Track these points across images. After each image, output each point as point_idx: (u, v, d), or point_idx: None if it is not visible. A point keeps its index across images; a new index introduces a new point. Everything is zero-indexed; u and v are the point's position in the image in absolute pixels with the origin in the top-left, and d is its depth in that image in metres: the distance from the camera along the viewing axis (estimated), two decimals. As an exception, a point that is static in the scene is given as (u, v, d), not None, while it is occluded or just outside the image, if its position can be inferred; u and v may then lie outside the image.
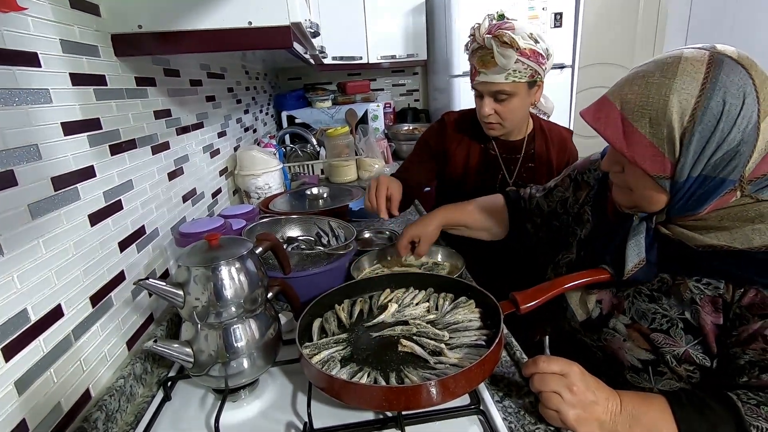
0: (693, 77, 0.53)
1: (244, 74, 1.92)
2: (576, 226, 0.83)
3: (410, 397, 0.57)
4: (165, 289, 0.61)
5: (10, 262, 0.51)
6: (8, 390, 0.50)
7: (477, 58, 1.07)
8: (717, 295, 0.59)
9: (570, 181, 0.88)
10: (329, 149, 2.04)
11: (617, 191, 0.68)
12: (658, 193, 0.60)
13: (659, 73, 0.56)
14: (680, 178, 0.57)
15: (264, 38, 0.78)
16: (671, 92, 0.54)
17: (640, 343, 0.65)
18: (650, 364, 0.65)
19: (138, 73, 0.87)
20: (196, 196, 1.15)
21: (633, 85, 0.58)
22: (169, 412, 0.67)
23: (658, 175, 0.58)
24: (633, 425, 0.55)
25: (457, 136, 1.25)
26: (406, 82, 3.20)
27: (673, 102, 0.54)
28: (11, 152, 0.53)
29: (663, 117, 0.55)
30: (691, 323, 0.61)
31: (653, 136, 0.56)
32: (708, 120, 0.53)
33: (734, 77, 0.53)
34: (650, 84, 0.56)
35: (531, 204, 0.96)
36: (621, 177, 0.64)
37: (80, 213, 0.65)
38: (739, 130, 0.53)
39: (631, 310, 0.67)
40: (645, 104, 0.56)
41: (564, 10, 2.32)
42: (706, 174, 0.56)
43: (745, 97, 0.52)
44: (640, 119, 0.56)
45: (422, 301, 0.81)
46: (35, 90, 0.58)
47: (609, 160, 0.66)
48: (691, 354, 0.61)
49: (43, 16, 0.61)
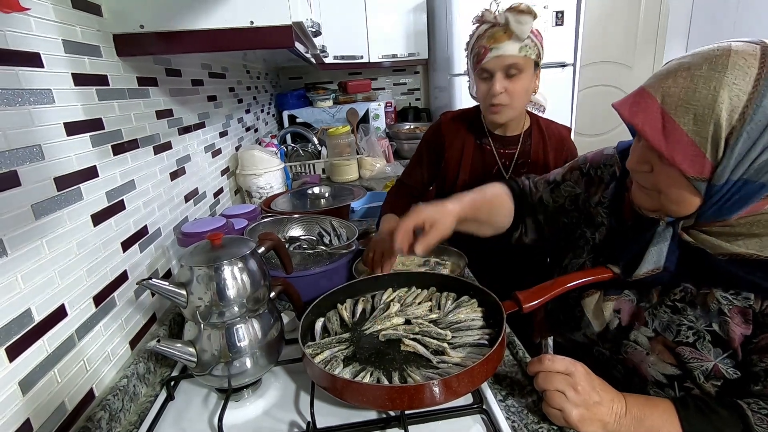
0: (745, 72, 0.49)
1: (246, 74, 1.92)
2: (587, 228, 0.77)
3: (413, 397, 0.57)
4: (168, 289, 0.61)
5: (14, 262, 0.52)
6: (12, 390, 0.50)
7: (486, 38, 1.06)
8: (747, 306, 0.56)
9: (581, 175, 0.80)
10: (330, 148, 2.04)
11: (641, 193, 0.62)
12: (692, 195, 0.55)
13: (707, 65, 0.51)
14: (718, 182, 0.52)
15: (266, 38, 0.78)
16: (721, 87, 0.49)
17: (665, 357, 0.61)
18: (676, 380, 0.61)
19: (140, 73, 0.87)
20: (198, 195, 1.15)
21: (677, 77, 0.52)
22: (172, 411, 0.67)
23: (696, 176, 0.52)
24: (637, 427, 0.55)
25: (452, 132, 1.26)
26: (407, 81, 3.19)
27: (723, 98, 0.49)
28: (14, 152, 0.53)
29: (710, 114, 0.50)
30: (720, 335, 0.57)
31: (696, 134, 0.51)
32: (759, 119, 0.48)
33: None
34: (697, 77, 0.51)
35: (532, 197, 0.88)
36: (649, 177, 0.58)
37: (83, 213, 0.66)
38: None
39: (654, 321, 0.63)
40: (691, 98, 0.51)
41: (565, 9, 2.32)
42: (747, 178, 0.51)
43: None
44: (684, 115, 0.51)
45: (425, 301, 0.81)
46: (38, 90, 0.58)
47: (637, 158, 0.59)
48: (721, 369, 0.57)
49: (45, 16, 0.61)
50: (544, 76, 1.17)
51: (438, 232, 0.75)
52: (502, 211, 0.87)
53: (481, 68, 1.09)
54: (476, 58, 1.09)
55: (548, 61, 1.12)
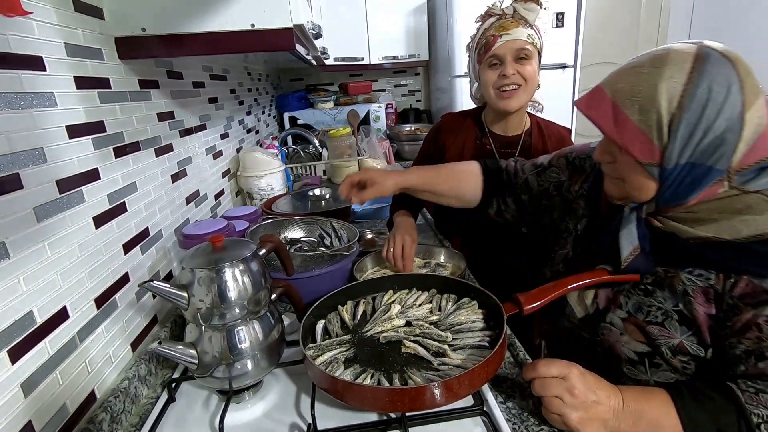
0: (681, 67, 0.56)
1: (247, 76, 1.93)
2: (570, 220, 0.83)
3: (414, 399, 0.57)
4: (169, 291, 0.61)
5: (16, 264, 0.52)
6: (15, 392, 0.50)
7: (495, 27, 1.09)
8: (708, 285, 0.60)
9: (567, 164, 0.86)
10: (331, 150, 2.04)
11: (609, 182, 0.69)
12: (648, 180, 0.61)
13: (649, 63, 0.58)
14: (668, 165, 0.58)
15: (267, 40, 0.79)
16: (660, 80, 0.56)
17: (636, 336, 0.66)
18: (646, 357, 0.65)
19: (141, 76, 0.88)
20: (199, 197, 1.16)
21: (624, 75, 0.61)
22: (173, 413, 0.67)
23: (648, 161, 0.59)
24: (636, 421, 0.56)
25: (453, 131, 1.27)
26: (407, 82, 3.20)
27: (661, 89, 0.56)
28: (17, 155, 0.53)
29: (652, 104, 0.57)
30: (685, 315, 0.62)
31: (642, 122, 0.58)
32: (695, 107, 0.55)
33: (720, 68, 0.55)
34: (640, 74, 0.58)
35: (517, 179, 0.91)
36: (613, 167, 0.66)
37: (85, 215, 0.66)
38: (725, 118, 0.55)
39: (628, 304, 0.68)
40: (635, 92, 0.58)
41: (566, 10, 2.32)
42: (693, 161, 0.57)
43: (729, 86, 0.55)
44: (631, 106, 0.58)
45: (425, 302, 0.81)
46: (40, 93, 0.59)
47: (601, 149, 0.67)
48: (686, 345, 0.62)
49: (48, 20, 0.62)
50: (544, 77, 1.17)
51: (375, 191, 0.88)
52: (467, 186, 0.93)
53: (491, 55, 1.10)
54: (484, 47, 1.11)
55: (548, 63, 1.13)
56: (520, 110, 1.17)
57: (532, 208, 0.90)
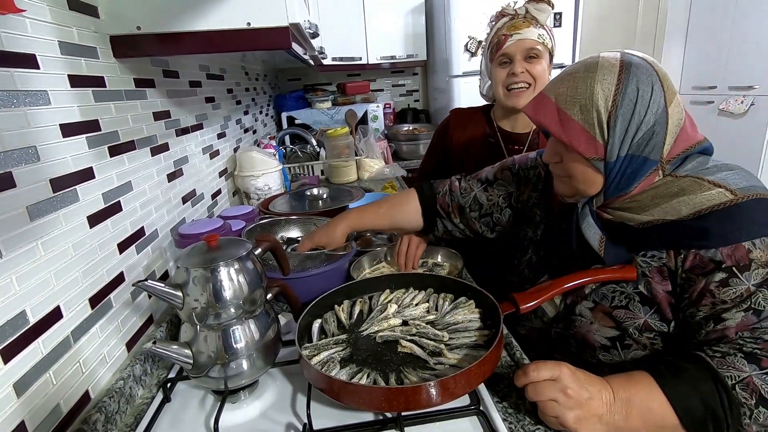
0: (610, 71, 0.63)
1: (244, 75, 1.92)
2: (528, 228, 0.88)
3: (410, 398, 0.57)
4: (164, 291, 0.61)
5: (9, 263, 0.51)
6: (7, 392, 0.50)
7: (506, 27, 1.12)
8: (662, 264, 0.66)
9: (512, 175, 0.92)
10: (329, 150, 2.04)
11: (558, 182, 0.74)
12: (595, 173, 0.66)
13: (583, 70, 0.65)
14: (611, 159, 0.64)
15: (263, 39, 0.78)
16: (595, 83, 0.63)
17: (605, 322, 0.71)
18: (617, 340, 0.70)
19: (137, 75, 0.87)
20: (195, 197, 1.15)
21: (563, 81, 0.67)
22: (168, 413, 0.67)
23: (593, 156, 0.65)
24: (628, 409, 0.57)
25: (461, 126, 1.28)
26: (405, 82, 3.20)
27: (597, 90, 0.63)
28: (9, 154, 0.53)
29: (591, 103, 0.63)
30: (646, 295, 0.67)
31: (585, 121, 0.64)
32: (627, 104, 0.62)
33: (642, 70, 0.63)
34: (577, 78, 0.65)
35: (465, 197, 0.95)
36: (560, 166, 0.71)
37: (79, 214, 0.65)
38: (652, 112, 0.62)
39: (592, 294, 0.72)
40: (575, 94, 0.64)
41: (564, 10, 2.32)
42: (632, 153, 0.64)
43: (653, 85, 0.62)
44: (572, 107, 0.64)
45: (422, 302, 0.81)
46: (34, 92, 0.58)
47: (549, 151, 0.72)
48: (650, 323, 0.67)
49: (42, 17, 0.61)
50: (543, 77, 1.18)
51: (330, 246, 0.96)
52: (406, 217, 0.99)
53: (502, 53, 1.12)
54: (496, 46, 1.13)
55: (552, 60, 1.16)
56: None
57: (485, 223, 0.95)
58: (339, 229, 0.96)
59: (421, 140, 2.53)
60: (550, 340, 0.80)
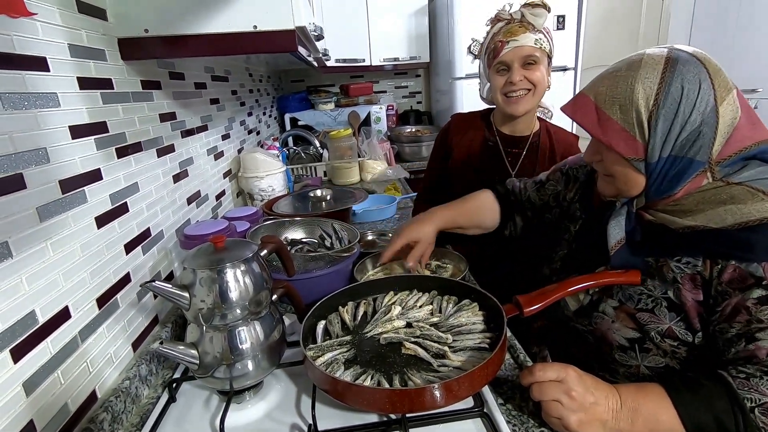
0: (654, 68, 0.61)
1: (248, 77, 1.93)
2: (569, 223, 0.87)
3: (414, 400, 0.57)
4: (171, 292, 0.61)
5: (19, 264, 0.52)
6: (17, 391, 0.50)
7: (503, 33, 1.11)
8: (696, 272, 0.63)
9: (562, 175, 0.93)
10: (332, 151, 2.04)
11: (600, 181, 0.73)
12: (636, 174, 0.65)
13: (626, 68, 0.64)
14: (652, 159, 0.63)
15: (269, 42, 0.79)
16: (636, 82, 0.61)
17: (626, 323, 0.69)
18: (636, 342, 0.69)
19: (144, 77, 0.88)
20: (200, 198, 1.16)
21: (604, 79, 0.66)
22: (174, 413, 0.68)
23: (633, 157, 0.64)
24: (634, 418, 0.56)
25: (461, 131, 1.28)
26: (408, 84, 3.20)
27: (638, 89, 0.61)
28: (20, 156, 0.53)
29: (630, 103, 0.62)
30: (674, 301, 0.65)
31: (624, 121, 0.63)
32: (670, 103, 0.60)
33: (690, 67, 0.60)
34: (618, 77, 0.64)
35: (522, 197, 0.98)
36: (602, 165, 0.70)
37: (87, 215, 0.66)
38: (699, 112, 0.60)
39: (619, 293, 0.71)
40: (614, 94, 0.63)
41: (567, 13, 2.33)
42: (675, 154, 0.62)
43: (701, 83, 0.59)
44: (611, 107, 0.63)
45: (426, 304, 0.82)
46: (44, 94, 0.59)
47: (589, 150, 0.71)
48: (674, 330, 0.65)
49: (52, 20, 0.62)
50: (545, 80, 1.18)
51: (422, 246, 0.93)
52: (485, 215, 1.00)
53: (499, 61, 1.11)
54: (493, 53, 1.12)
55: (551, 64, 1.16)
56: (529, 113, 1.18)
57: (537, 222, 0.96)
58: (430, 226, 0.94)
59: (424, 142, 2.53)
60: (568, 333, 0.79)
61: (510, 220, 1.00)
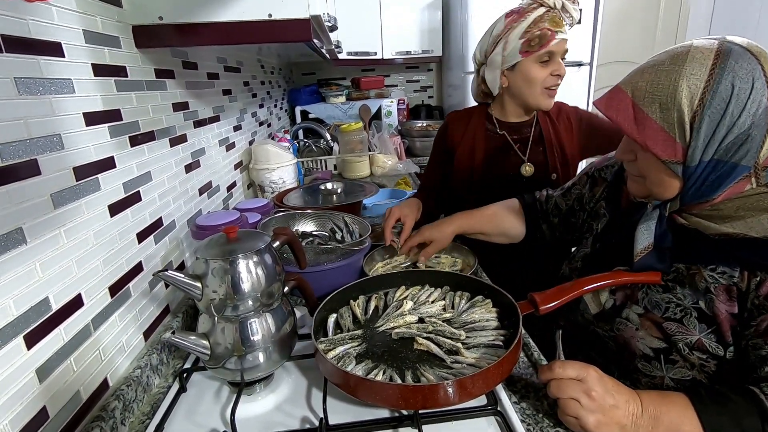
0: (702, 63, 0.55)
1: (260, 68, 1.93)
2: (592, 222, 0.85)
3: (427, 396, 0.56)
4: (183, 281, 0.61)
5: (33, 250, 0.52)
6: (30, 377, 0.50)
7: (549, 21, 1.08)
8: (732, 283, 0.59)
9: (587, 179, 0.89)
10: (342, 145, 2.03)
11: (631, 181, 0.69)
12: (671, 178, 0.60)
13: (669, 61, 0.58)
14: (692, 163, 0.57)
15: (284, 31, 0.78)
16: (680, 78, 0.55)
17: (652, 331, 0.65)
18: (662, 353, 0.65)
19: (157, 65, 0.87)
20: (211, 189, 1.16)
21: (644, 73, 0.60)
22: (184, 403, 0.67)
23: (670, 159, 0.58)
24: (655, 426, 0.54)
25: (460, 128, 1.27)
26: (420, 78, 3.17)
27: (682, 87, 0.55)
28: (35, 141, 0.53)
29: (672, 102, 0.56)
30: (705, 312, 0.61)
31: (663, 120, 0.57)
32: (717, 103, 0.54)
33: (743, 63, 0.54)
34: (660, 71, 0.58)
35: (548, 204, 0.97)
36: (634, 165, 0.65)
37: (100, 203, 0.66)
38: (749, 113, 0.54)
39: (645, 300, 0.68)
40: (655, 90, 0.57)
41: (583, 7, 2.26)
42: (718, 158, 0.56)
43: (754, 81, 0.53)
44: (651, 105, 0.58)
45: (438, 299, 0.81)
46: (59, 80, 0.58)
47: (622, 148, 0.67)
48: (704, 342, 0.61)
49: (67, 6, 0.61)
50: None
51: (436, 246, 0.98)
52: (511, 224, 1.00)
53: (548, 51, 1.08)
54: (539, 39, 1.07)
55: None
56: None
57: (563, 228, 0.95)
58: (449, 229, 0.97)
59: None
60: (589, 337, 0.76)
61: (536, 228, 0.99)
